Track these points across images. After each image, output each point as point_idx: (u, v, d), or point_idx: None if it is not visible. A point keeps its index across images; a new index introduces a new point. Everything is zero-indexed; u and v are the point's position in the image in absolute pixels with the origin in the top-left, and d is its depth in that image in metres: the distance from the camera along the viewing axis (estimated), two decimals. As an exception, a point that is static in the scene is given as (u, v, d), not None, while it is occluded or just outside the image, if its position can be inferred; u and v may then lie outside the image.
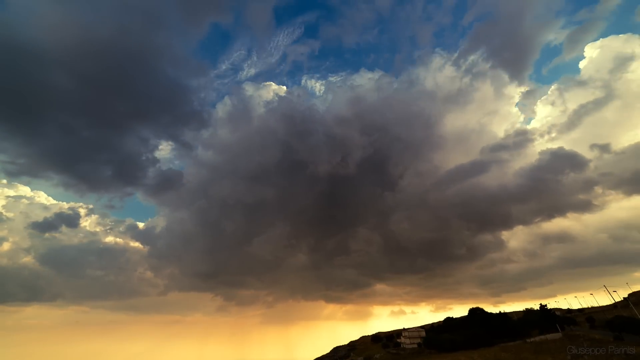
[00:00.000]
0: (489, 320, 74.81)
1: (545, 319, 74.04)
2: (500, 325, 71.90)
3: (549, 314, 76.41)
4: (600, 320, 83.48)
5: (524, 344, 54.00)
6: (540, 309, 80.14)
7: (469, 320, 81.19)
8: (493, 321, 73.98)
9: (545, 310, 79.17)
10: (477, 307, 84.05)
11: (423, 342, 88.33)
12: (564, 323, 74.85)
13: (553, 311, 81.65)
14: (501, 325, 71.94)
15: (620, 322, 61.44)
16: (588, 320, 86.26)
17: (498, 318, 75.56)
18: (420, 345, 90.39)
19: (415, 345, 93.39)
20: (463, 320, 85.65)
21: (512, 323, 74.52)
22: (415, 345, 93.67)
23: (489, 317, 77.05)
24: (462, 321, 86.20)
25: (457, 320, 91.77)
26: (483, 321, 75.10)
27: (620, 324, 60.29)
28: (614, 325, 61.37)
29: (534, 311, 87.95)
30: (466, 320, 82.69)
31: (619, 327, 59.70)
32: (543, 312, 78.16)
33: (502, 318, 75.65)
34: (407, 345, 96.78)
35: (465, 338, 66.39)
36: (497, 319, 75.18)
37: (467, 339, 65.86)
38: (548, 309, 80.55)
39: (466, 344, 64.45)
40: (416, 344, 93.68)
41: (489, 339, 65.54)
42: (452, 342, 67.12)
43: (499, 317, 76.06)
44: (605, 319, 77.45)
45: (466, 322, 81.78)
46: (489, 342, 64.53)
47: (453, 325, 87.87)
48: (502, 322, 73.50)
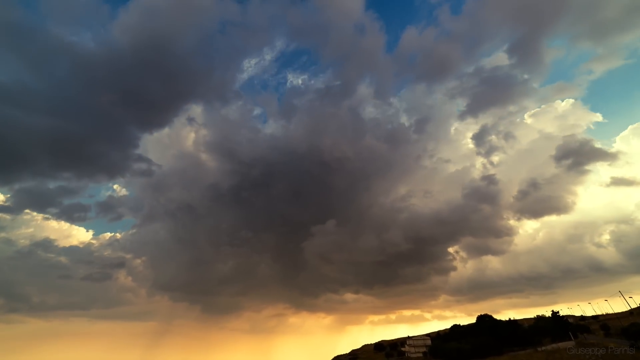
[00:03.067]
0: (498, 328, 72.54)
1: (557, 326, 71.41)
2: (510, 333, 69.75)
3: (561, 321, 73.66)
4: (615, 327, 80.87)
5: (535, 353, 52.36)
6: (552, 316, 77.19)
7: (477, 327, 78.68)
8: (502, 329, 71.79)
9: (558, 317, 76.20)
10: (486, 314, 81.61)
11: (429, 351, 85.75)
12: (577, 331, 72.35)
13: (565, 318, 78.72)
14: (511, 333, 69.79)
15: (637, 329, 59.01)
16: (602, 327, 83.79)
17: (508, 325, 73.21)
18: (426, 354, 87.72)
19: (420, 354, 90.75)
20: (471, 328, 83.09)
21: (522, 331, 72.38)
22: (421, 354, 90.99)
23: (498, 324, 74.66)
24: (469, 329, 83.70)
25: (464, 328, 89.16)
26: (492, 329, 72.82)
27: (637, 332, 57.84)
28: (630, 333, 59.00)
29: (545, 318, 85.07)
30: (474, 328, 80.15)
31: (635, 335, 57.22)
32: (555, 319, 75.29)
33: (512, 325, 73.26)
34: (412, 354, 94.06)
35: (473, 346, 64.36)
36: (507, 326, 72.81)
37: (476, 347, 63.91)
38: (560, 316, 77.53)
39: (474, 352, 62.66)
40: (421, 353, 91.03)
41: (498, 348, 63.79)
42: (459, 350, 64.90)
43: (509, 325, 73.59)
44: (621, 326, 75.22)
45: (474, 329, 79.27)
46: (498, 350, 62.84)
47: (460, 333, 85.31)
48: (512, 329, 71.26)
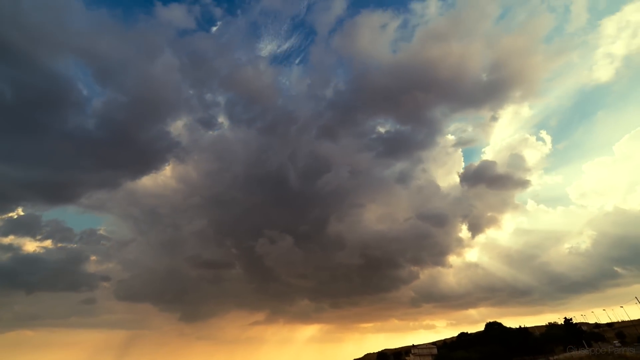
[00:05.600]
0: (507, 336, 69.91)
1: (570, 334, 68.56)
2: (520, 342, 67.08)
3: (574, 329, 70.83)
4: (631, 335, 77.82)
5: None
6: (565, 324, 74.30)
7: (485, 335, 76.30)
8: (512, 337, 69.42)
9: (570, 325, 73.30)
10: (495, 321, 78.99)
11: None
12: (591, 339, 69.81)
13: (579, 326, 75.60)
14: (521, 342, 67.13)
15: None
16: (618, 335, 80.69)
17: (518, 334, 70.59)
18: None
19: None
20: (479, 336, 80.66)
21: (533, 339, 70.18)
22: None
23: (507, 332, 72.04)
24: (477, 337, 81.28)
25: (472, 336, 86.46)
26: (501, 337, 70.18)
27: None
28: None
29: (557, 326, 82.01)
30: (482, 336, 77.76)
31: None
32: (568, 327, 72.49)
33: (522, 334, 70.63)
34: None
35: (481, 355, 62.43)
36: (517, 334, 70.21)
37: (484, 356, 62.01)
38: (573, 324, 74.55)
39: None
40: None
41: (507, 357, 61.50)
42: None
43: (519, 333, 70.97)
44: (637, 334, 72.24)
45: (482, 338, 76.85)
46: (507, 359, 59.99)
47: (468, 341, 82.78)
48: (522, 338, 68.68)
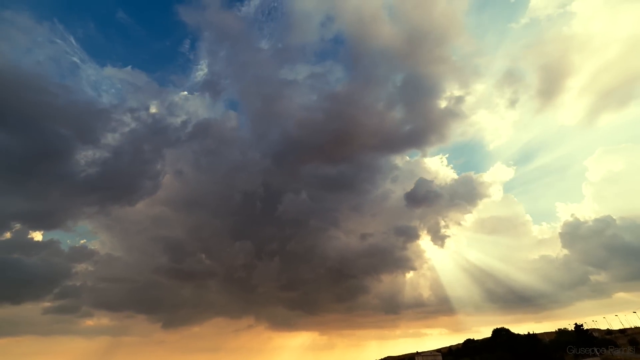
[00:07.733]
0: (515, 343, 67.93)
1: (580, 340, 66.00)
2: (529, 349, 64.87)
3: (585, 335, 68.39)
4: None
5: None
6: (575, 330, 71.93)
7: (492, 342, 74.18)
8: (520, 344, 67.49)
9: (581, 331, 70.95)
10: (502, 327, 76.59)
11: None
12: (602, 346, 67.65)
13: (590, 332, 72.94)
14: (530, 349, 64.89)
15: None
16: (631, 342, 78.38)
17: (526, 340, 68.60)
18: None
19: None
20: (486, 343, 78.48)
21: (542, 346, 68.78)
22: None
23: (515, 338, 70.03)
24: (484, 344, 79.06)
25: (478, 343, 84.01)
26: (509, 343, 68.07)
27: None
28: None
29: (568, 332, 79.35)
30: (489, 343, 75.61)
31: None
32: (578, 333, 70.19)
33: (530, 340, 68.48)
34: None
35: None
36: (525, 341, 68.13)
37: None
38: (584, 330, 72.16)
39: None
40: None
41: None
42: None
43: (527, 339, 68.84)
44: None
45: (489, 344, 74.91)
46: (516, 367, 57.69)
47: (474, 348, 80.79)
48: (530, 344, 66.50)
